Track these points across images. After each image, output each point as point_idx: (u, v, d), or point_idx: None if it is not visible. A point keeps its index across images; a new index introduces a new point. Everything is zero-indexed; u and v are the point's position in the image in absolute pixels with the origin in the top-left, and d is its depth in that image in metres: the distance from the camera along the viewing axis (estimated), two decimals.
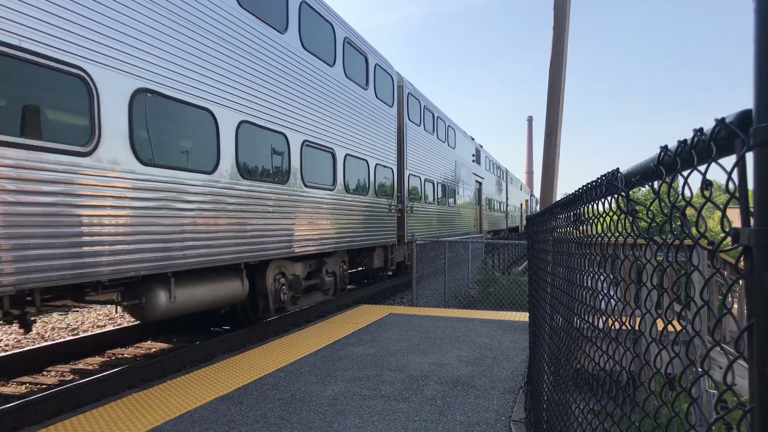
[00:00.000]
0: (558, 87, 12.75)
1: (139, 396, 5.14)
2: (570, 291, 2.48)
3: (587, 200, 2.05)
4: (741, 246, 0.82)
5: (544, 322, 3.79)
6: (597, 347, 1.87)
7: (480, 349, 7.04)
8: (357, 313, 9.88)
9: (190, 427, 4.38)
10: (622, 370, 1.54)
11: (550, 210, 3.65)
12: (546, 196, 13.25)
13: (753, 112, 0.81)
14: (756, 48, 0.79)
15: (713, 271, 0.93)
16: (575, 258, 2.34)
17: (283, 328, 10.19)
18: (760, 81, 0.79)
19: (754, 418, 0.78)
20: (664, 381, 1.22)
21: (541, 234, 4.32)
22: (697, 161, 1.01)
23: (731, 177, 0.86)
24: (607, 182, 1.67)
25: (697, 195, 1.00)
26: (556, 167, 13.09)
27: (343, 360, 6.46)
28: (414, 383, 5.56)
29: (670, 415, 1.18)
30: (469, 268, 14.71)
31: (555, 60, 12.70)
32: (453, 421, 4.54)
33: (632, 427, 1.44)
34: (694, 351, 1.03)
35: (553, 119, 12.77)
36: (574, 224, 2.40)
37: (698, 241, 1.01)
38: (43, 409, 5.83)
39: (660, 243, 1.18)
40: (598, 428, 1.81)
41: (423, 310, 10.46)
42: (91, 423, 4.45)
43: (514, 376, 5.86)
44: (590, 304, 2.02)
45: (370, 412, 4.72)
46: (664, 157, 1.18)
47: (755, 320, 0.78)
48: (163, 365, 7.66)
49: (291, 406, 4.89)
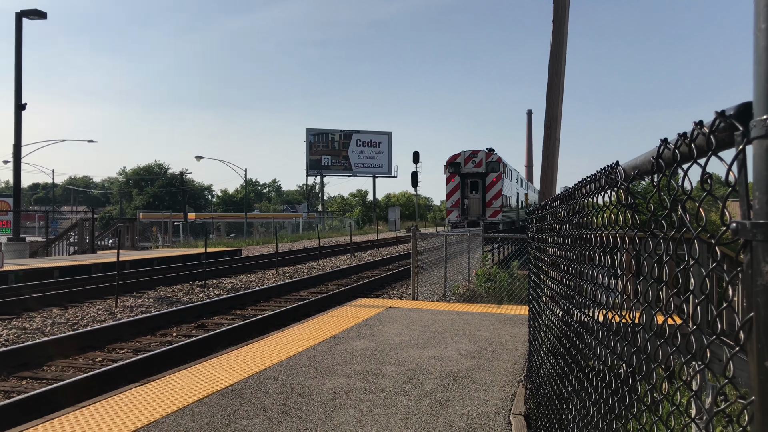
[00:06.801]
0: (558, 80, 12.72)
1: (139, 390, 5.15)
2: (570, 284, 2.48)
3: (587, 194, 2.05)
4: (741, 239, 0.81)
5: (545, 316, 3.80)
6: (597, 340, 1.87)
7: (480, 343, 7.06)
8: (357, 307, 9.89)
9: (190, 421, 4.39)
10: (622, 363, 1.54)
11: (549, 203, 3.65)
12: (546, 190, 13.23)
13: (753, 104, 0.81)
14: (755, 40, 0.79)
15: (713, 264, 0.93)
16: (575, 250, 2.34)
17: (282, 322, 10.21)
18: (759, 73, 0.78)
19: (753, 410, 0.79)
20: (663, 374, 1.23)
21: (541, 227, 4.32)
22: (696, 154, 1.01)
23: (731, 169, 0.85)
24: (607, 176, 1.67)
25: (697, 188, 1.00)
26: (555, 160, 13.08)
27: (343, 354, 6.47)
28: (414, 377, 5.57)
29: (669, 408, 1.18)
30: (468, 260, 14.74)
31: (555, 52, 12.66)
32: (453, 414, 4.56)
33: (632, 420, 1.44)
34: (693, 344, 1.03)
35: (552, 112, 12.75)
36: (574, 219, 2.39)
37: (698, 234, 1.01)
38: (44, 404, 5.85)
39: (660, 236, 1.18)
40: (598, 421, 1.81)
41: (423, 304, 10.47)
42: (92, 418, 4.46)
43: (513, 370, 5.87)
44: (590, 298, 2.02)
45: (370, 406, 4.73)
46: (663, 150, 1.17)
47: (755, 313, 0.78)
48: (163, 360, 7.68)
49: (291, 399, 4.90)
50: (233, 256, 26.06)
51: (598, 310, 1.86)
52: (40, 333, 9.81)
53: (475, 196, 28.14)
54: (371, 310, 9.51)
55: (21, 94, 23.41)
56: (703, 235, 1.01)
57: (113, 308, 12.21)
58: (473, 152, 28.11)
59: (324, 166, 67.78)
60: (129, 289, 14.80)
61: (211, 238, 46.76)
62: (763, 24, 0.78)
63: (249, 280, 17.41)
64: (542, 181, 13.35)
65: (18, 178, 24.74)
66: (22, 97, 23.38)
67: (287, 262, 23.02)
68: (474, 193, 28.19)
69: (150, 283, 15.94)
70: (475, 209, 28.12)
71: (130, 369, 7.17)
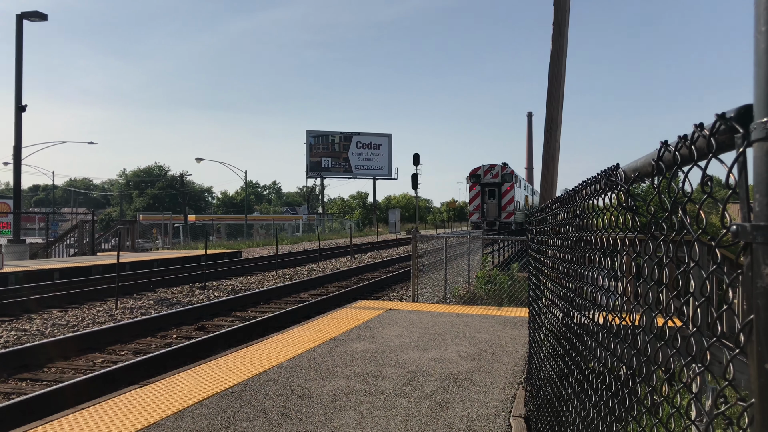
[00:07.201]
0: (558, 83, 12.72)
1: (139, 392, 5.15)
2: (570, 286, 2.48)
3: (587, 196, 2.05)
4: (741, 241, 0.81)
5: (545, 318, 3.79)
6: (597, 343, 1.87)
7: (480, 345, 7.05)
8: (356, 309, 9.89)
9: (190, 422, 4.39)
10: (622, 365, 1.54)
11: (549, 206, 3.65)
12: (546, 192, 13.22)
13: (753, 107, 0.81)
14: (756, 43, 0.79)
15: (713, 266, 0.93)
16: (575, 253, 2.34)
17: (282, 324, 10.20)
18: (760, 76, 0.78)
19: (753, 413, 0.79)
20: (663, 376, 1.23)
21: (541, 229, 4.32)
22: (697, 157, 1.01)
23: (731, 172, 0.85)
24: (607, 178, 1.67)
25: (698, 190, 1.00)
26: (556, 162, 13.07)
27: (343, 356, 6.47)
28: (414, 379, 5.57)
29: (670, 410, 1.18)
30: (468, 262, 14.74)
31: (555, 55, 12.66)
32: (453, 416, 4.55)
33: (632, 422, 1.44)
34: (693, 346, 1.03)
35: (553, 114, 12.74)
36: (574, 221, 2.40)
37: (698, 237, 1.01)
38: (44, 406, 5.84)
39: (660, 238, 1.18)
40: (598, 424, 1.81)
41: (423, 306, 10.47)
42: (92, 419, 4.46)
43: (513, 372, 5.87)
44: (590, 300, 2.02)
45: (370, 408, 4.73)
46: (663, 152, 1.18)
47: (755, 316, 0.78)
48: (163, 361, 7.67)
49: (291, 401, 4.90)
50: (233, 258, 26.07)
51: (599, 313, 1.86)
52: (41, 334, 9.80)
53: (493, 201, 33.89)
54: (371, 312, 9.50)
55: (21, 95, 23.44)
56: (703, 238, 1.01)
57: (113, 310, 12.21)
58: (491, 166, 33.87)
59: (324, 168, 67.80)
60: (129, 291, 14.80)
61: (211, 239, 46.76)
62: (763, 27, 0.78)
63: (249, 282, 17.41)
64: (542, 184, 13.34)
65: (18, 180, 24.77)
66: (22, 98, 23.42)
67: (287, 264, 23.02)
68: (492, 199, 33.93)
69: (150, 284, 15.94)
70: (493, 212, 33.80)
71: (130, 371, 7.16)
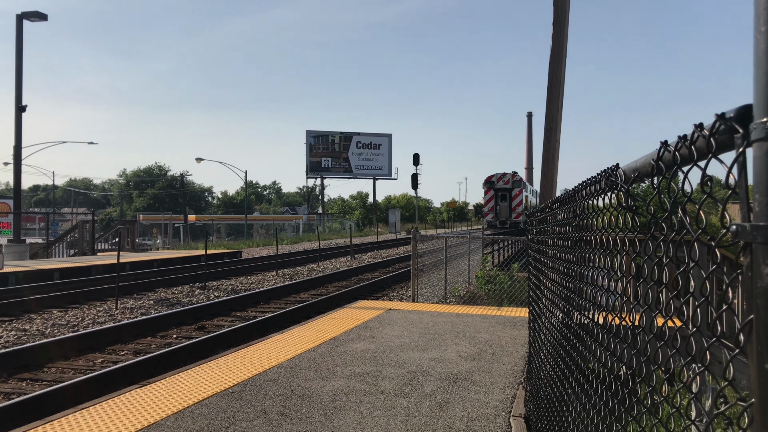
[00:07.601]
0: (558, 82, 12.72)
1: (139, 392, 5.15)
2: (569, 286, 2.48)
3: (587, 196, 2.05)
4: (741, 241, 0.81)
5: (545, 318, 3.79)
6: (597, 343, 1.87)
7: (480, 345, 7.05)
8: (356, 309, 9.89)
9: (190, 422, 4.39)
10: (622, 365, 1.54)
11: (549, 206, 3.65)
12: (546, 192, 13.22)
13: (753, 107, 0.81)
14: (755, 43, 0.79)
15: (713, 266, 0.93)
16: (575, 253, 2.34)
17: (282, 324, 10.20)
18: (759, 76, 0.78)
19: (753, 413, 0.79)
20: (663, 376, 1.23)
21: (541, 229, 4.32)
22: (696, 157, 1.01)
23: (731, 172, 0.85)
24: (607, 178, 1.67)
25: (697, 190, 1.00)
26: (556, 163, 13.06)
27: (343, 356, 6.47)
28: (414, 379, 5.57)
29: (669, 410, 1.18)
30: (468, 262, 14.74)
31: (555, 55, 12.66)
32: (453, 416, 4.55)
33: (632, 422, 1.44)
34: (693, 346, 1.03)
35: (552, 115, 12.74)
36: (574, 221, 2.40)
37: (698, 237, 1.01)
38: (44, 406, 5.84)
39: (660, 238, 1.18)
40: (598, 423, 1.81)
41: (423, 306, 10.47)
42: (92, 419, 4.46)
43: (513, 372, 5.87)
44: (590, 300, 2.02)
45: (370, 408, 4.73)
46: (663, 152, 1.18)
47: (755, 315, 0.78)
48: (163, 361, 7.67)
49: (291, 401, 4.90)
50: (233, 258, 26.07)
51: (598, 313, 1.86)
52: (41, 335, 9.80)
53: (504, 204, 40.25)
54: (371, 312, 9.51)
55: (21, 95, 23.44)
56: (703, 238, 1.01)
57: (113, 310, 12.20)
58: (503, 174, 40.66)
59: (324, 168, 67.79)
60: (129, 291, 14.80)
61: (212, 239, 46.75)
62: (763, 27, 0.78)
63: (249, 282, 17.41)
64: (542, 184, 13.34)
65: (18, 180, 24.77)
66: (22, 98, 23.42)
67: (287, 264, 23.02)
68: (503, 202, 40.32)
69: (150, 284, 15.94)
70: (504, 213, 40.05)
71: (130, 371, 7.16)
